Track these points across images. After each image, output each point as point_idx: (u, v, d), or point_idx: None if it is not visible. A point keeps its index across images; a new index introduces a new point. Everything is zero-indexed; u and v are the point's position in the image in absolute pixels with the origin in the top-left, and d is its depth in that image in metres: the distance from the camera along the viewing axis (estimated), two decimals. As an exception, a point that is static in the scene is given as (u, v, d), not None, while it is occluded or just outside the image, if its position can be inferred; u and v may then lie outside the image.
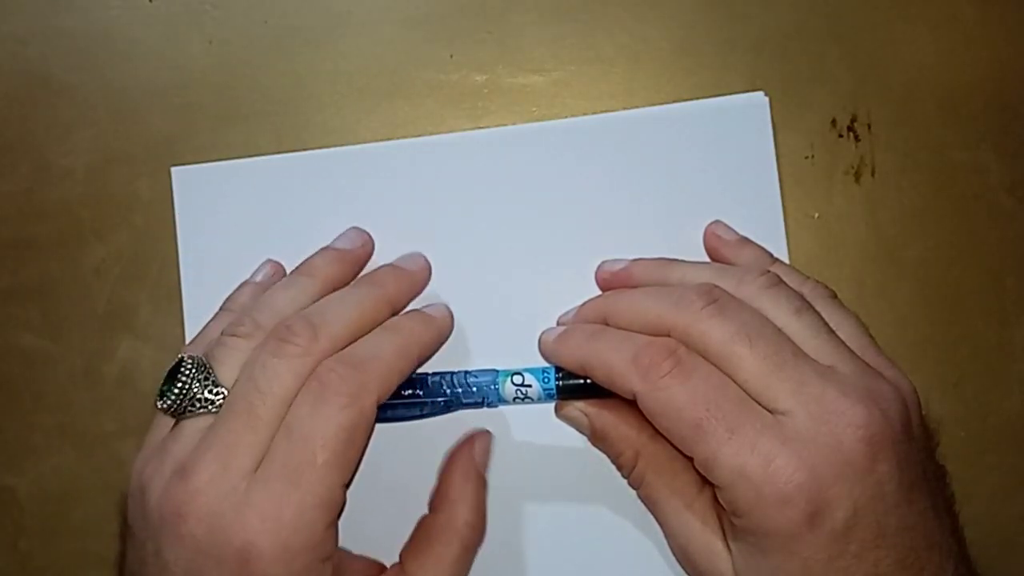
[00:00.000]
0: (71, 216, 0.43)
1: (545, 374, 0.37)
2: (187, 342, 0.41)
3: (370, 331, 0.36)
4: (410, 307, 0.40)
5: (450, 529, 0.37)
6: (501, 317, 0.40)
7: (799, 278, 0.38)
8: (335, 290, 0.38)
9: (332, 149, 0.42)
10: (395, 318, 0.38)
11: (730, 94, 0.42)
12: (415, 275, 0.41)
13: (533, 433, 0.40)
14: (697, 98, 0.42)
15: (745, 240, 0.40)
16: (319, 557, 0.33)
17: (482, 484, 0.38)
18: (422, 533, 0.37)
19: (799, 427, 0.32)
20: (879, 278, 0.42)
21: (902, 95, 0.43)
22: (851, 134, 0.43)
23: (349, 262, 0.41)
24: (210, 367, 0.35)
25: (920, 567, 0.31)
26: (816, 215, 0.42)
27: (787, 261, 0.41)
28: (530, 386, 0.37)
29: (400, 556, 0.37)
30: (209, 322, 0.39)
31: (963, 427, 0.42)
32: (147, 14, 0.44)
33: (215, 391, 0.35)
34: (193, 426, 0.35)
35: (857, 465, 0.31)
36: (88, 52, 0.43)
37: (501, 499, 0.39)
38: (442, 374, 0.37)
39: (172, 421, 0.36)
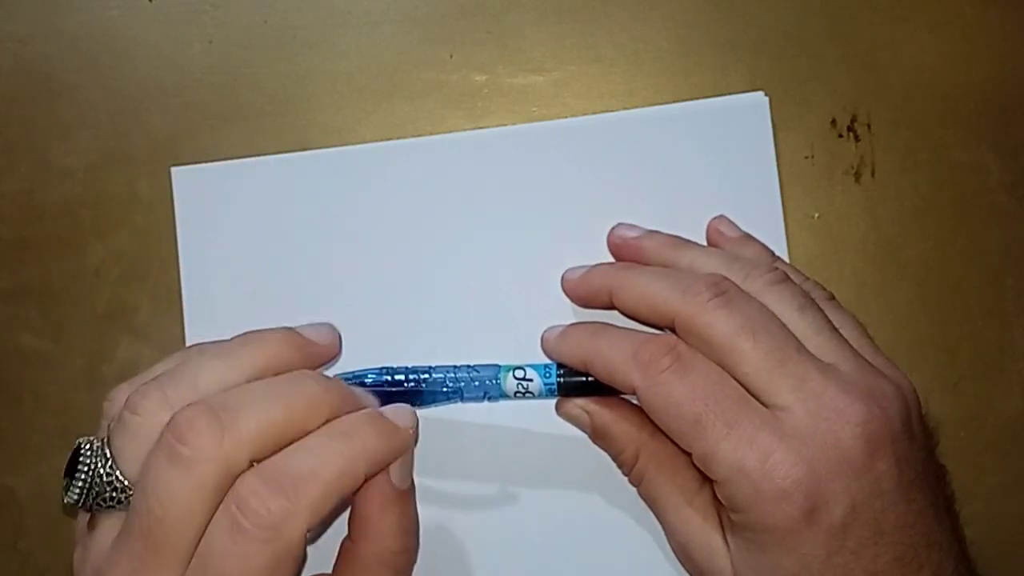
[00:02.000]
0: (71, 216, 0.43)
1: (547, 369, 0.37)
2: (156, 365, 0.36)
3: (301, 435, 0.31)
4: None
5: (379, 561, 0.33)
6: (501, 317, 0.40)
7: (800, 277, 0.38)
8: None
9: (332, 149, 0.42)
10: (348, 418, 0.32)
11: (730, 94, 0.42)
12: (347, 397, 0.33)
13: (533, 429, 0.40)
14: (697, 98, 0.42)
15: (748, 237, 0.40)
16: None
17: (405, 505, 0.33)
18: (349, 565, 0.33)
19: (798, 423, 0.32)
20: (879, 278, 0.42)
21: (902, 95, 0.43)
22: (851, 134, 0.43)
23: (306, 354, 0.35)
24: (111, 455, 0.31)
25: (919, 565, 0.31)
26: (816, 215, 0.42)
27: (787, 261, 0.41)
28: (531, 380, 0.37)
29: None
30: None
31: (963, 427, 0.42)
32: (147, 14, 0.44)
33: (119, 485, 0.31)
34: (107, 523, 0.31)
35: (855, 462, 0.31)
36: (88, 52, 0.44)
37: (501, 495, 0.39)
38: (445, 367, 0.37)
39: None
